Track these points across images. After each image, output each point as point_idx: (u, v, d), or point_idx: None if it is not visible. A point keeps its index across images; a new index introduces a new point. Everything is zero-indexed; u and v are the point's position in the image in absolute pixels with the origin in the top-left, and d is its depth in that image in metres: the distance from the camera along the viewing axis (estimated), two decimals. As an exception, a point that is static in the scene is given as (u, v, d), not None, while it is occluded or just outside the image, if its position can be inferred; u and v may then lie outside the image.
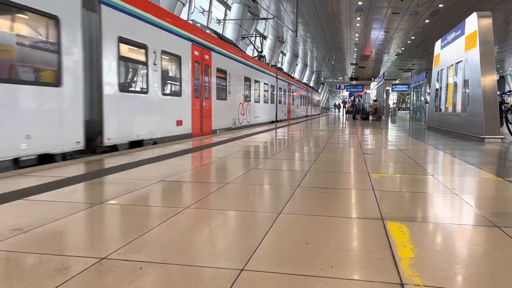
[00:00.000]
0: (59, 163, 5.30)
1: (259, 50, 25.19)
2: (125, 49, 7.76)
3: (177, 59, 9.88)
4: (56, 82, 5.88)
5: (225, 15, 26.99)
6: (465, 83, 11.37)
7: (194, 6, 22.63)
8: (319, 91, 73.66)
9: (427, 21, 28.69)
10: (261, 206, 3.28)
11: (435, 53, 15.57)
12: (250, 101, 16.98)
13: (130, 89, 8.08)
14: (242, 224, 2.71)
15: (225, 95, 13.70)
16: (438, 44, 15.18)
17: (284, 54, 44.37)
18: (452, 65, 12.93)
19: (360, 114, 26.93)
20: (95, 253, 2.10)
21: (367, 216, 2.87)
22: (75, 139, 6.25)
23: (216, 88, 12.60)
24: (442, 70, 14.46)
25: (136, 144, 7.94)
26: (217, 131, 12.55)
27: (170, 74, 9.81)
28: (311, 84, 57.87)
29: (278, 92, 23.25)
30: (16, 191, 3.56)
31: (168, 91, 9.58)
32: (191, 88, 10.58)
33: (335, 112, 57.57)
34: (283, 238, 2.37)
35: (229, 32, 25.89)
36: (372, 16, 28.36)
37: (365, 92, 48.18)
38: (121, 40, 7.49)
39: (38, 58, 5.70)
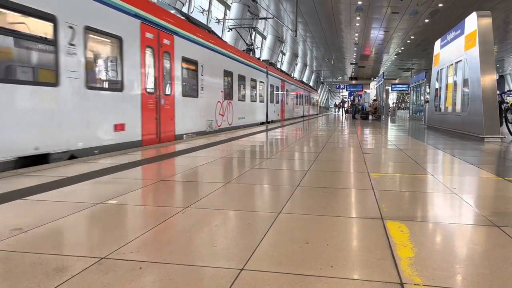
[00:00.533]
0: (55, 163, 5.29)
1: (249, 43, 22.64)
2: (10, 18, 5.31)
3: (115, 41, 7.36)
4: None
5: (225, 14, 26.98)
6: (465, 82, 11.37)
7: (194, 6, 22.62)
8: (319, 90, 73.71)
9: (426, 20, 28.69)
10: (260, 206, 3.28)
11: (435, 52, 15.57)
12: (232, 100, 14.42)
13: (20, 79, 5.53)
14: (242, 224, 2.71)
15: (196, 91, 11.10)
16: (437, 43, 15.18)
17: (283, 54, 44.36)
18: (452, 64, 12.93)
19: (359, 113, 26.93)
20: (95, 253, 2.10)
21: (367, 215, 2.87)
22: None
23: (182, 82, 10.06)
24: (441, 69, 14.45)
25: (36, 160, 5.58)
26: (184, 136, 10.07)
27: (103, 61, 7.38)
28: (311, 84, 57.84)
29: (269, 90, 20.81)
30: (15, 190, 3.55)
31: (97, 84, 7.11)
32: (140, 81, 8.05)
33: (335, 112, 57.59)
34: (283, 238, 2.37)
35: (229, 32, 25.86)
36: (371, 16, 28.35)
37: (365, 91, 48.20)
38: None
39: None
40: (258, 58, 22.30)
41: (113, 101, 7.33)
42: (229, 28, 23.91)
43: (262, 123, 19.17)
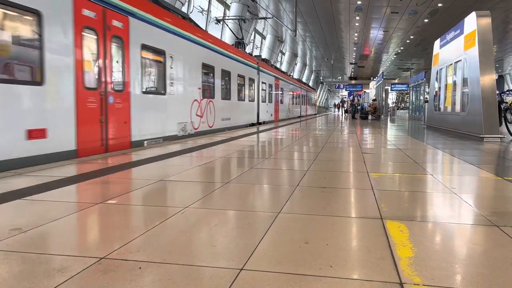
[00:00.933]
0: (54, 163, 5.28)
1: (240, 37, 20.72)
2: None
3: (32, 17, 5.51)
4: None
5: (224, 14, 26.95)
6: (464, 82, 11.38)
7: (193, 6, 22.60)
8: (318, 90, 73.62)
9: (426, 20, 28.69)
10: (260, 205, 3.28)
11: (434, 52, 15.58)
12: (213, 98, 12.44)
13: None
14: (241, 224, 2.71)
15: (163, 87, 9.18)
16: (437, 43, 15.18)
17: (283, 54, 44.36)
18: (451, 64, 12.94)
19: (359, 113, 26.93)
20: (95, 253, 2.10)
21: (367, 215, 2.87)
22: None
23: (141, 76, 8.12)
24: (441, 69, 14.46)
25: None
26: (145, 142, 8.14)
27: (9, 42, 5.33)
28: (310, 83, 57.82)
29: (260, 88, 18.75)
30: (14, 190, 3.55)
31: None
32: (73, 73, 6.19)
33: (334, 112, 57.57)
34: (282, 238, 2.37)
35: (229, 32, 25.85)
36: (371, 16, 28.34)
37: (364, 91, 48.22)
38: None
39: None
40: (250, 54, 20.37)
41: (26, 98, 5.44)
42: (217, 20, 21.51)
43: (253, 125, 17.31)
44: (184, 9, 20.20)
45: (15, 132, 5.27)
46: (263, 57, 28.05)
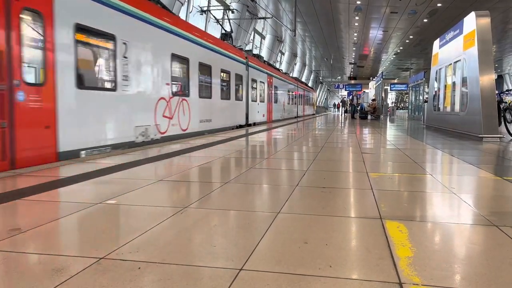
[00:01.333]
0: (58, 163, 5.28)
1: (227, 29, 18.63)
2: None
3: None
4: None
5: (223, 14, 26.94)
6: (464, 82, 11.38)
7: (193, 6, 22.59)
8: (318, 90, 73.53)
9: (425, 20, 28.70)
10: (259, 205, 3.27)
11: (433, 52, 15.59)
12: (187, 96, 10.51)
13: None
14: (240, 224, 2.71)
15: (113, 81, 7.36)
16: (436, 43, 15.19)
17: (282, 54, 44.36)
18: (451, 64, 12.95)
19: (358, 113, 26.94)
20: (94, 253, 2.09)
21: (366, 215, 2.87)
22: None
23: (75, 66, 6.28)
24: (440, 69, 14.47)
25: None
26: (83, 153, 6.36)
27: None
28: (310, 84, 57.83)
29: (250, 85, 16.79)
30: (13, 191, 3.55)
31: None
32: None
33: (334, 112, 57.54)
34: (281, 238, 2.37)
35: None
36: (370, 16, 28.34)
37: (364, 91, 48.24)
38: None
39: None
40: (240, 49, 17.84)
41: None
42: (202, 10, 19.62)
43: (241, 126, 15.28)
44: (183, 9, 20.17)
45: None
46: (265, 59, 27.86)
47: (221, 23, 19.37)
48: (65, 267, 1.92)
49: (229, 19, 19.93)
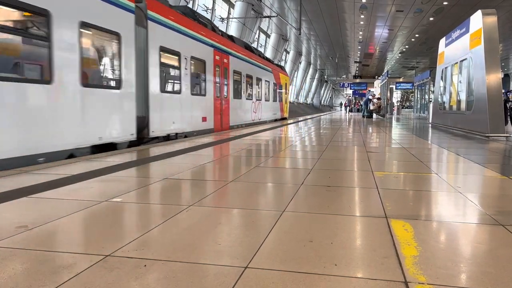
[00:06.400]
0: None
1: None
2: None
3: None
4: None
5: (229, 13, 26.96)
6: (470, 81, 11.32)
7: (198, 4, 22.62)
8: (322, 89, 72.89)
9: (431, 18, 28.53)
10: (264, 204, 3.28)
11: (439, 51, 15.51)
12: None
13: None
14: (245, 222, 2.71)
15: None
16: (442, 42, 15.11)
17: (287, 52, 44.32)
18: (457, 63, 12.87)
19: (363, 112, 26.84)
20: (100, 251, 2.11)
21: (371, 214, 2.87)
22: None
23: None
24: (446, 68, 14.39)
25: None
26: None
27: None
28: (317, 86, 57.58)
29: (154, 60, 8.72)
30: (21, 188, 3.57)
31: None
32: None
33: (340, 111, 57.32)
34: (287, 236, 2.37)
35: (232, 31, 25.87)
36: (376, 14, 28.22)
37: (369, 90, 48.14)
38: None
39: None
40: None
41: None
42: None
43: (111, 147, 7.22)
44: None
45: None
46: (270, 57, 26.64)
47: None
48: (72, 264, 1.93)
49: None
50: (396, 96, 58.97)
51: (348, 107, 43.78)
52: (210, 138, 9.07)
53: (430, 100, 19.52)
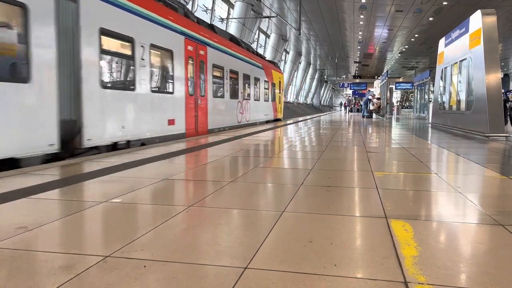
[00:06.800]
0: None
1: None
2: None
3: None
4: None
5: (228, 13, 26.96)
6: (469, 81, 11.32)
7: (197, 5, 22.63)
8: (322, 89, 72.91)
9: (431, 18, 28.53)
10: (264, 204, 3.28)
11: (439, 51, 15.52)
12: None
13: None
14: (245, 222, 2.71)
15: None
16: (442, 42, 15.12)
17: (287, 53, 44.32)
18: (456, 63, 12.88)
19: (363, 112, 26.84)
20: (100, 251, 2.10)
21: (371, 214, 2.87)
22: None
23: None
24: (446, 68, 14.40)
25: None
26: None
27: None
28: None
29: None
30: (20, 189, 3.57)
31: None
32: None
33: (340, 111, 57.32)
34: (286, 236, 2.37)
35: (232, 31, 25.87)
36: (375, 14, 28.22)
37: (369, 90, 48.16)
38: None
39: None
40: None
41: None
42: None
43: (10, 164, 5.27)
44: (188, 7, 20.17)
45: None
46: (269, 57, 26.78)
47: None
48: (72, 265, 1.93)
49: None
50: (396, 96, 58.95)
51: (347, 107, 43.92)
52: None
53: (430, 100, 19.53)
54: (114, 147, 7.34)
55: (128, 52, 7.86)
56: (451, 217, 2.86)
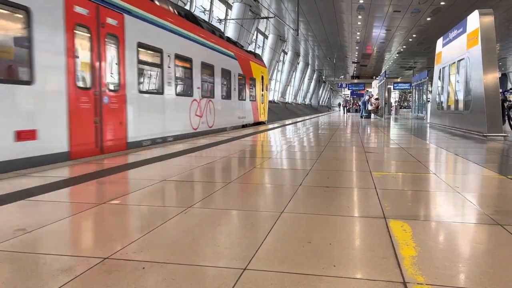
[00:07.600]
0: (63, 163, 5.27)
1: None
2: None
3: None
4: None
5: (226, 14, 26.97)
6: (467, 80, 11.34)
7: (196, 6, 22.63)
8: (320, 89, 72.92)
9: (428, 19, 28.61)
10: (263, 205, 3.27)
11: (437, 51, 15.55)
12: None
13: None
14: (244, 223, 2.71)
15: None
16: (439, 42, 15.15)
17: (285, 53, 44.35)
18: (454, 63, 12.90)
19: (361, 112, 26.86)
20: (98, 253, 2.10)
21: (370, 214, 2.87)
22: None
23: None
24: (443, 68, 14.43)
25: None
26: None
27: None
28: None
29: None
30: (18, 191, 3.56)
31: None
32: None
33: (339, 111, 57.39)
34: (285, 237, 2.37)
35: (230, 32, 25.88)
36: (373, 14, 28.29)
37: (367, 90, 48.22)
38: None
39: None
40: None
41: None
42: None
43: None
44: (186, 8, 20.17)
45: None
46: (265, 59, 26.88)
47: None
48: (70, 267, 1.92)
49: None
50: (394, 96, 59.02)
51: (345, 108, 44.04)
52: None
53: (428, 100, 19.55)
54: None
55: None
56: (450, 217, 2.86)
